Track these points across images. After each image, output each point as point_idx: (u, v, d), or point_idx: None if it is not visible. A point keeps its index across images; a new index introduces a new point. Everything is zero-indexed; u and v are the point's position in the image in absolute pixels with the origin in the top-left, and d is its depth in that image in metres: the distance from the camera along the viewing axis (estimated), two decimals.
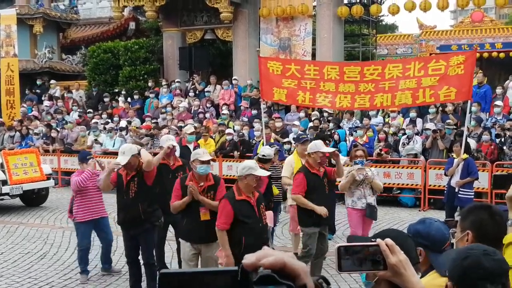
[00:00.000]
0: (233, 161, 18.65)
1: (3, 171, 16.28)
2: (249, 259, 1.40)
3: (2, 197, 16.64)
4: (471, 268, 2.65)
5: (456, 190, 12.43)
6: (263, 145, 13.98)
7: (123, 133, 20.98)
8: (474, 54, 12.53)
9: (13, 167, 16.48)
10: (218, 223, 7.47)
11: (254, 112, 21.06)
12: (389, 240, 2.25)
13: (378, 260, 2.26)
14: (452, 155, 13.16)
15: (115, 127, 21.67)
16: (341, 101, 12.75)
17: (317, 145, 9.50)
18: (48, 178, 17.51)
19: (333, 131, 18.01)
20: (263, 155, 10.36)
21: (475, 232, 3.52)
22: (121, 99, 24.74)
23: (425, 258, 3.65)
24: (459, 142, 12.80)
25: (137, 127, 21.34)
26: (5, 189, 16.09)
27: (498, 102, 18.06)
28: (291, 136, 18.26)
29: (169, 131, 20.21)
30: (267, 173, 8.33)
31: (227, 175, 18.71)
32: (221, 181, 8.52)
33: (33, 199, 17.60)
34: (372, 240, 2.95)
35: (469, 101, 12.91)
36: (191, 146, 14.15)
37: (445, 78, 11.86)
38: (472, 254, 2.69)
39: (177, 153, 13.61)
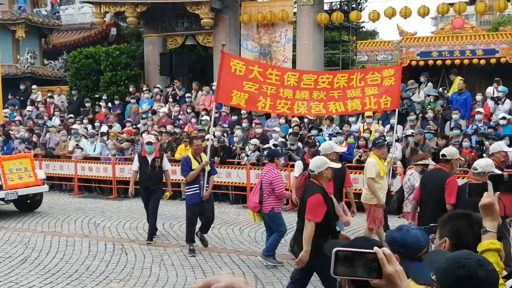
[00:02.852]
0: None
1: None
2: (197, 284, 1.42)
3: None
4: (466, 279, 2.59)
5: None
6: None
7: (104, 138, 20.93)
8: (401, 68, 13.80)
9: (8, 172, 16.30)
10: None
11: (234, 118, 21.08)
12: (386, 250, 2.27)
13: (373, 268, 2.27)
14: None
15: (96, 132, 21.59)
16: (299, 107, 12.85)
17: (501, 145, 10.22)
18: (43, 183, 17.37)
19: (313, 137, 18.04)
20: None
21: (453, 240, 3.55)
22: (102, 104, 24.66)
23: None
24: (388, 147, 13.49)
25: (118, 132, 21.31)
26: (0, 194, 15.94)
27: (480, 109, 18.17)
28: (271, 142, 18.29)
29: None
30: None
31: None
32: None
33: (27, 205, 17.41)
34: (348, 245, 2.96)
35: (396, 110, 13.78)
36: (150, 157, 13.34)
37: (383, 88, 12.76)
38: (468, 264, 2.62)
39: (136, 164, 13.55)
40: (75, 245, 12.97)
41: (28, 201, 17.38)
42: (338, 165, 8.71)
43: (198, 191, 11.96)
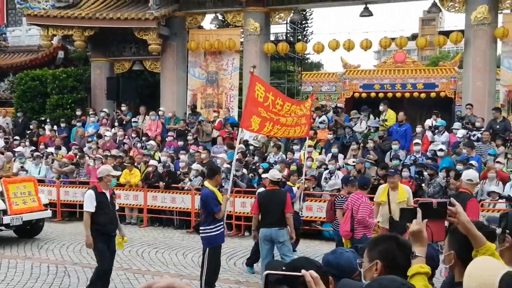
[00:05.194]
0: (158, 192, 18.75)
1: (3, 200, 15.27)
2: (142, 285, 1.63)
3: (1, 228, 15.44)
4: None
5: (300, 213, 14.79)
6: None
7: (49, 160, 20.86)
8: (312, 98, 16.19)
9: (12, 196, 15.43)
10: None
11: (180, 143, 21.22)
12: (313, 272, 2.40)
13: None
14: (289, 184, 14.51)
15: (41, 155, 21.49)
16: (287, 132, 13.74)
17: None
18: (46, 208, 16.55)
19: (257, 164, 18.33)
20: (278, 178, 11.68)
21: (384, 262, 3.59)
22: (47, 127, 24.56)
23: (334, 287, 3.81)
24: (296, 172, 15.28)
25: (60, 156, 21.26)
26: (6, 219, 15.02)
27: (417, 141, 18.64)
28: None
29: (94, 160, 20.24)
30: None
31: (152, 205, 18.78)
32: None
33: (28, 231, 16.46)
34: (284, 269, 3.15)
35: (307, 138, 16.07)
36: (107, 193, 10.42)
37: (306, 117, 14.13)
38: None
39: (93, 203, 10.14)
40: (17, 267, 12.86)
41: (28, 227, 16.34)
42: None
43: (223, 229, 10.51)
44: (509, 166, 16.95)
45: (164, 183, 18.63)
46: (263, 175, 14.31)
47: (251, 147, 20.30)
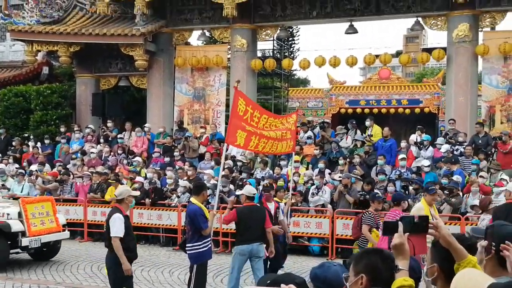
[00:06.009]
0: (144, 209, 18.65)
1: (21, 221, 14.58)
2: None
3: (18, 250, 14.82)
4: None
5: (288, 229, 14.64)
6: None
7: (33, 178, 20.71)
8: (297, 114, 16.68)
9: (31, 216, 14.74)
10: None
11: (166, 159, 21.16)
12: (292, 286, 2.43)
13: None
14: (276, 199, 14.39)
15: (24, 172, 21.32)
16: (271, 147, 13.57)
17: None
18: (64, 229, 15.97)
19: (244, 180, 18.30)
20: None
21: (369, 276, 3.62)
22: (31, 143, 24.38)
23: None
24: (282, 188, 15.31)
25: (43, 173, 21.11)
26: (24, 241, 14.36)
27: (403, 156, 18.75)
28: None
29: (82, 177, 20.15)
30: None
31: (138, 223, 18.66)
32: None
33: (44, 253, 15.76)
34: (268, 282, 3.15)
35: (293, 153, 15.86)
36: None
37: (291, 132, 14.22)
38: None
39: (122, 228, 9.26)
40: None
41: (44, 249, 15.53)
42: None
43: (210, 245, 10.42)
44: (491, 180, 17.06)
45: (150, 200, 18.56)
46: (237, 192, 14.35)
47: (239, 163, 20.27)
